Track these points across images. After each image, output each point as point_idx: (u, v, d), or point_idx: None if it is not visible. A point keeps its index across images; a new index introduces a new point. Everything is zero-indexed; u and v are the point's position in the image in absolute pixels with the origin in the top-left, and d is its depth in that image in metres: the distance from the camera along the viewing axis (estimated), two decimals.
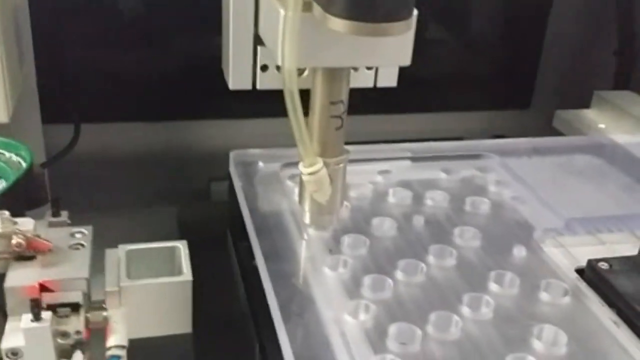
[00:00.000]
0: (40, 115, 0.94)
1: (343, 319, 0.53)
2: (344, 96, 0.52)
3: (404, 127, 1.16)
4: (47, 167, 0.81)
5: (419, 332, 0.52)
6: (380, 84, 0.66)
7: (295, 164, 0.75)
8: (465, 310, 0.55)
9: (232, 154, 0.77)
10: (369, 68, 0.65)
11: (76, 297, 0.52)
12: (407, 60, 0.50)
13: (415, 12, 0.46)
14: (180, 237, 0.62)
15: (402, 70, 1.16)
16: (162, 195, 1.02)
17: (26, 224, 0.54)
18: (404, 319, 0.53)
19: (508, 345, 0.52)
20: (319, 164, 0.52)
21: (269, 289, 0.56)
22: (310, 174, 0.52)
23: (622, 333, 0.54)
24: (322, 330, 0.52)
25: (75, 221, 0.60)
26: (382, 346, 0.51)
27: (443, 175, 0.78)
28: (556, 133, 1.03)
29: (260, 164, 0.76)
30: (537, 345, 0.52)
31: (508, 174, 0.78)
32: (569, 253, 0.66)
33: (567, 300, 0.58)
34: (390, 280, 0.58)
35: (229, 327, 0.69)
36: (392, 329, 0.52)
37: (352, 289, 0.57)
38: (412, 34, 0.48)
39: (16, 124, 0.85)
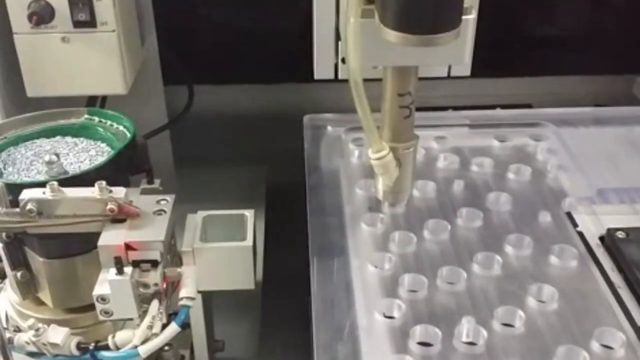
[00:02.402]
0: (161, 78, 1.09)
1: (366, 268, 0.63)
2: (411, 88, 0.56)
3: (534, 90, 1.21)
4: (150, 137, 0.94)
5: (426, 282, 0.61)
6: (454, 74, 0.67)
7: (359, 128, 0.85)
8: (475, 267, 0.63)
9: (305, 118, 0.87)
10: None
11: (155, 255, 0.63)
12: (462, 60, 0.54)
13: (471, 16, 0.50)
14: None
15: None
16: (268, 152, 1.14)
17: (119, 192, 0.64)
18: (418, 271, 0.62)
19: (503, 299, 0.60)
20: (385, 150, 0.56)
21: (310, 235, 0.67)
22: (376, 159, 0.56)
23: (614, 297, 0.60)
24: (347, 275, 0.63)
25: (183, 175, 0.67)
26: (394, 292, 0.61)
27: (495, 143, 0.83)
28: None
29: (329, 127, 0.86)
30: (530, 301, 0.59)
31: (560, 143, 0.83)
32: (599, 221, 0.71)
33: (574, 264, 0.64)
34: (415, 237, 0.67)
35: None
36: (405, 278, 0.62)
37: (381, 243, 0.67)
38: (468, 36, 0.52)
39: (141, 86, 0.99)
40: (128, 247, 0.62)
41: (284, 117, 1.16)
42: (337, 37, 0.66)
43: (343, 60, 0.67)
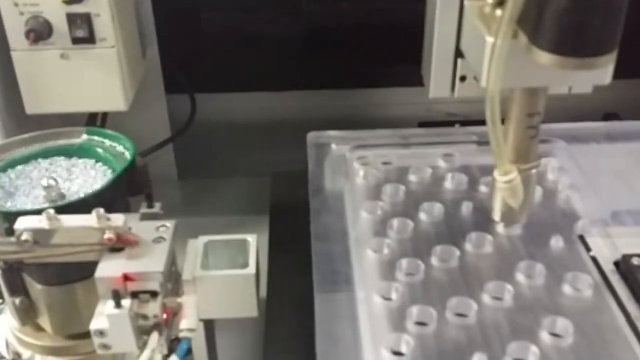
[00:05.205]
0: (163, 88, 1.07)
1: (372, 299, 0.61)
2: (541, 108, 0.54)
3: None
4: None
5: (435, 315, 0.59)
6: (575, 91, 0.66)
7: (364, 146, 0.83)
8: (485, 297, 0.61)
9: (308, 136, 0.85)
10: None
11: (154, 285, 0.61)
12: (606, 80, 0.50)
13: None
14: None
15: None
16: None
17: (117, 219, 0.62)
18: (426, 302, 0.60)
19: (516, 332, 0.58)
20: (514, 173, 0.54)
21: (314, 264, 0.65)
22: (505, 182, 0.55)
23: (631, 329, 0.58)
24: (352, 308, 0.60)
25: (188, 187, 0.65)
26: (401, 326, 0.58)
27: None
28: None
29: (333, 145, 0.84)
30: (544, 335, 0.57)
31: (570, 161, 0.80)
32: (614, 245, 0.68)
33: (588, 293, 0.62)
34: (422, 265, 0.64)
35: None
36: (414, 310, 0.59)
37: (387, 271, 0.65)
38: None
39: (143, 97, 0.97)
40: (126, 277, 0.61)
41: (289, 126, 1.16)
42: (456, 56, 0.66)
43: (462, 79, 0.67)
